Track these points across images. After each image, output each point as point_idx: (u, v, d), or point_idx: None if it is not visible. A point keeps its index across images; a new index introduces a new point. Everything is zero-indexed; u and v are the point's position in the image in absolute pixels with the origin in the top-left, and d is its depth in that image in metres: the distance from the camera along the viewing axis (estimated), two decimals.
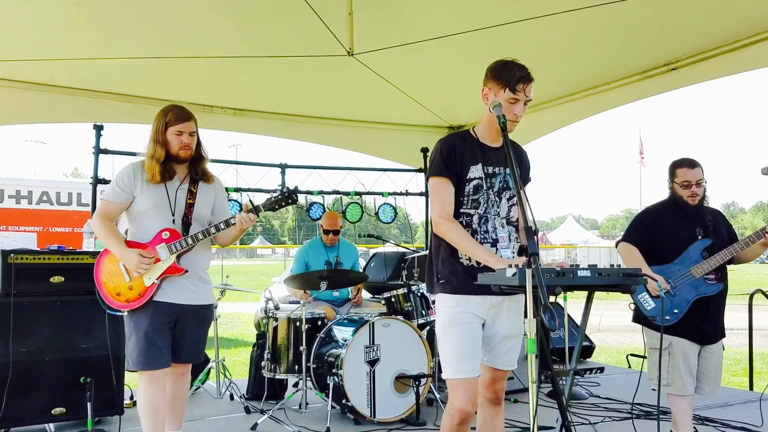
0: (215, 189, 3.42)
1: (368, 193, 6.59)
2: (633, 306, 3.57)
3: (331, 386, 4.42)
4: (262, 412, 4.59)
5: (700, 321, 3.45)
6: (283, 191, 3.27)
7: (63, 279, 4.14)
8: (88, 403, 3.91)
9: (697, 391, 3.53)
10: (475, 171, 2.75)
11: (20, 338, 3.97)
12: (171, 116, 3.21)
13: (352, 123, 6.45)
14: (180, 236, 3.20)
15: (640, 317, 3.57)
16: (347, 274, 5.33)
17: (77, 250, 4.34)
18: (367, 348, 4.50)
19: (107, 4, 3.91)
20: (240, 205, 5.69)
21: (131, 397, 4.72)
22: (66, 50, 4.41)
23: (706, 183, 3.57)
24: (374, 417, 4.42)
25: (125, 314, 3.24)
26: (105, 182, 5.20)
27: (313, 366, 4.65)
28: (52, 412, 4.03)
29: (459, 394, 2.66)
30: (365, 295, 6.03)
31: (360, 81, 5.18)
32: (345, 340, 4.58)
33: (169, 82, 5.17)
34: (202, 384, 5.48)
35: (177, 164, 3.27)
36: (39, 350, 4.03)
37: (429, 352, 4.62)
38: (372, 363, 4.50)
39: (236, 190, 5.90)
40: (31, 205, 9.83)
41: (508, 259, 2.65)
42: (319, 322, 4.88)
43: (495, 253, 2.69)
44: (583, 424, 4.41)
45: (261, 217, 3.39)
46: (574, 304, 5.16)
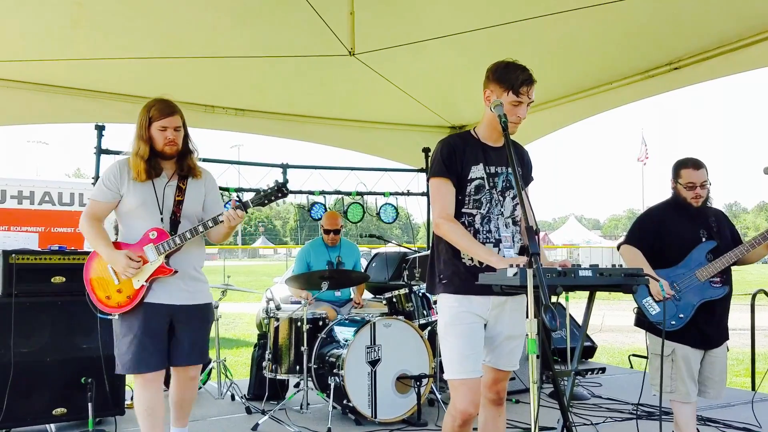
0: (205, 184, 3.30)
1: (370, 193, 6.60)
2: (636, 310, 3.48)
3: (332, 387, 4.41)
4: (264, 413, 4.59)
5: (704, 325, 3.36)
6: (272, 185, 3.14)
7: (64, 279, 4.14)
8: (89, 404, 3.91)
9: (702, 395, 3.45)
10: (477, 171, 2.74)
11: (21, 339, 3.97)
12: (154, 111, 3.09)
13: (353, 123, 6.45)
14: (168, 236, 3.10)
15: (643, 322, 3.47)
16: (349, 274, 5.33)
17: (78, 250, 4.33)
18: (368, 348, 4.49)
19: (108, 4, 3.91)
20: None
21: (132, 398, 4.71)
22: (67, 50, 4.41)
23: (710, 185, 3.47)
24: (375, 417, 4.41)
25: (115, 317, 3.14)
26: None
27: (315, 366, 4.64)
28: (53, 412, 4.04)
29: (461, 394, 2.64)
30: (366, 295, 6.03)
31: (361, 81, 5.18)
32: (346, 341, 4.58)
33: (171, 82, 5.16)
34: (204, 384, 5.48)
35: (164, 160, 3.16)
36: (40, 351, 4.03)
37: (430, 352, 4.61)
38: (373, 363, 4.49)
39: (238, 190, 5.90)
40: (34, 205, 9.83)
41: (510, 258, 2.63)
42: (321, 323, 4.88)
43: (497, 253, 2.67)
44: (584, 424, 4.40)
45: (263, 217, 3.35)
46: (576, 304, 5.15)
